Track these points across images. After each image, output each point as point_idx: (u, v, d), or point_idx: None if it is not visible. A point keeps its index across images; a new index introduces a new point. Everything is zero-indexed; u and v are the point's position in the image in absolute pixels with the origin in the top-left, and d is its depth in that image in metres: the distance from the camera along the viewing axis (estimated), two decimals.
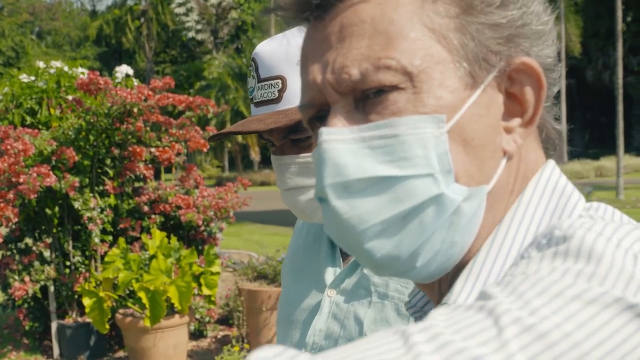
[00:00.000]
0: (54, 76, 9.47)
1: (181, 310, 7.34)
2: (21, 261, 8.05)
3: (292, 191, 1.70)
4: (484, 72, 0.85)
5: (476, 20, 0.85)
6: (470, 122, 0.84)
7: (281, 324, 1.86)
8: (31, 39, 77.44)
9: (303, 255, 1.89)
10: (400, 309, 1.62)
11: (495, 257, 0.83)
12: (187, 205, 8.36)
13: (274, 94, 1.68)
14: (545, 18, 0.89)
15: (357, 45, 0.85)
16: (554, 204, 0.86)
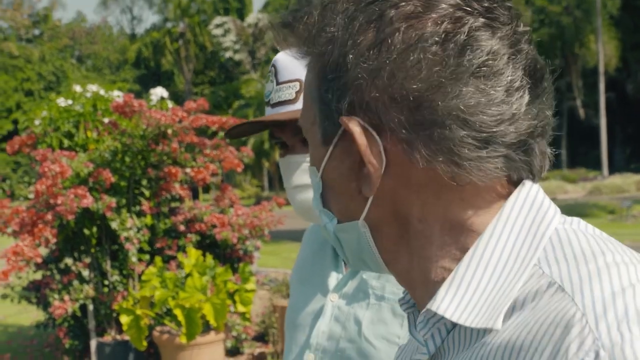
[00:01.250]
0: (90, 100, 9.66)
1: (217, 327, 7.43)
2: (61, 281, 8.19)
3: (300, 188, 1.78)
4: (333, 131, 0.96)
5: (323, 89, 0.96)
6: (330, 173, 1.00)
7: (289, 328, 1.96)
8: (71, 63, 78.35)
9: (309, 264, 1.99)
10: (396, 310, 1.72)
11: (476, 268, 0.90)
12: (222, 223, 8.47)
13: (292, 95, 1.77)
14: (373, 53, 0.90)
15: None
16: (531, 218, 0.92)
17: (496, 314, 0.86)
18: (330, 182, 1.00)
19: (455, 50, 0.87)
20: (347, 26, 0.92)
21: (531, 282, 0.87)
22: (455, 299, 0.90)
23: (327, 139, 0.98)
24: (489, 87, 0.88)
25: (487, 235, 0.91)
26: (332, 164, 0.98)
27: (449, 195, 0.92)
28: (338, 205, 1.01)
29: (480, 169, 0.89)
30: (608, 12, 47.06)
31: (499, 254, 0.90)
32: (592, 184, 36.85)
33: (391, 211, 0.95)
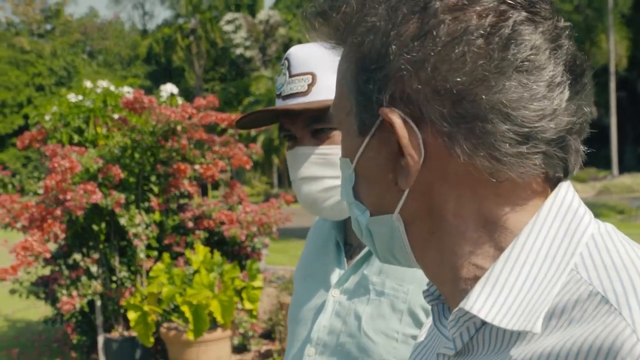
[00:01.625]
0: (100, 95, 9.68)
1: (224, 324, 7.45)
2: (69, 276, 8.21)
3: (307, 180, 1.80)
4: (371, 122, 0.96)
5: (362, 79, 0.96)
6: (365, 164, 1.00)
7: (291, 323, 1.99)
8: (83, 58, 78.54)
9: (312, 260, 2.03)
10: (395, 305, 1.74)
11: (512, 268, 0.90)
12: (231, 220, 8.48)
13: (304, 87, 1.78)
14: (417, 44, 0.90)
15: None
16: (567, 224, 0.92)
17: (534, 317, 0.86)
18: (364, 173, 1.01)
19: (500, 44, 0.87)
20: (390, 16, 0.91)
21: (569, 288, 0.87)
22: (489, 299, 0.90)
23: (364, 129, 0.98)
24: (532, 82, 0.88)
25: (523, 236, 0.91)
26: (368, 155, 0.99)
27: (485, 191, 0.92)
28: (371, 197, 1.02)
29: (520, 164, 0.90)
30: (619, 11, 46.90)
31: (535, 256, 0.90)
32: (602, 184, 36.74)
33: (426, 205, 0.96)
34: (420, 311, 1.72)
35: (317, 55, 1.79)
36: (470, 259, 0.95)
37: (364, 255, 1.84)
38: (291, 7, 69.86)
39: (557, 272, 0.88)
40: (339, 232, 1.95)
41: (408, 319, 1.72)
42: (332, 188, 1.79)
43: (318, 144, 1.79)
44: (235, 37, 61.67)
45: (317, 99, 1.76)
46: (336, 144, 1.77)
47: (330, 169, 1.78)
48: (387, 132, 0.94)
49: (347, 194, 1.05)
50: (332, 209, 1.83)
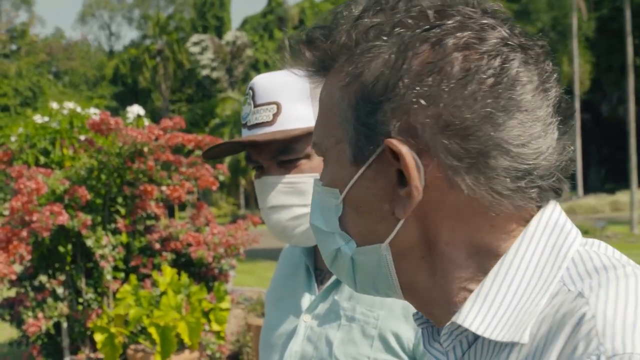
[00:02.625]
0: (67, 117, 9.64)
1: (191, 346, 7.42)
2: (35, 298, 8.15)
3: (276, 209, 1.81)
4: (368, 152, 0.97)
5: (362, 109, 0.97)
6: (357, 193, 1.00)
7: (263, 348, 2.00)
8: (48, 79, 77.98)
9: (283, 286, 2.03)
10: (366, 330, 1.75)
11: (501, 284, 0.94)
12: (198, 242, 8.46)
13: (269, 117, 1.78)
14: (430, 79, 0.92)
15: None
16: (554, 239, 0.96)
17: (522, 328, 0.91)
18: (355, 203, 1.01)
19: (507, 84, 0.91)
20: (401, 50, 0.93)
21: (557, 298, 0.91)
22: (480, 313, 0.94)
23: (360, 159, 0.98)
24: (531, 121, 0.93)
25: (511, 254, 0.95)
26: (363, 184, 0.99)
27: (480, 222, 0.96)
28: (359, 227, 1.02)
29: (518, 198, 0.94)
30: (583, 34, 47.43)
31: (523, 272, 0.94)
32: (567, 204, 36.97)
33: (419, 233, 0.97)
34: (391, 336, 1.72)
35: (281, 84, 1.80)
36: (462, 284, 0.98)
37: (335, 281, 1.84)
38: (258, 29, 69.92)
39: (544, 285, 0.93)
40: (309, 258, 1.95)
41: (379, 344, 1.73)
42: (300, 216, 1.80)
43: (285, 172, 1.79)
44: (202, 59, 61.61)
45: (283, 128, 1.77)
46: (303, 172, 1.78)
47: (298, 197, 1.79)
48: (386, 163, 0.96)
49: (329, 223, 1.05)
50: (301, 236, 1.83)
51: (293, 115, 1.78)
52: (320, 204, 1.07)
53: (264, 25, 70.57)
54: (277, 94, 1.79)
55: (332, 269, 1.11)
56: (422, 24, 0.94)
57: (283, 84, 1.80)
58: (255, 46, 66.04)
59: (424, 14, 0.95)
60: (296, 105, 1.78)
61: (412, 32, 0.94)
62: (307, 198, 1.78)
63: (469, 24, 0.94)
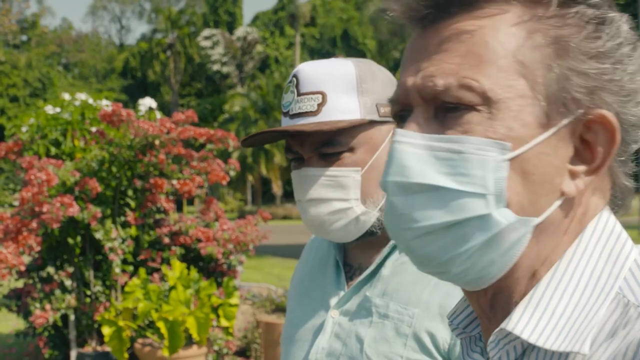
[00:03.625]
0: (78, 108, 9.61)
1: (199, 341, 7.39)
2: (42, 289, 8.12)
3: (316, 202, 1.75)
4: (560, 116, 0.89)
5: (566, 65, 0.89)
6: (534, 158, 0.89)
7: (285, 343, 1.94)
8: (58, 70, 78.15)
9: (309, 280, 1.97)
10: (399, 329, 1.69)
11: (554, 290, 0.89)
12: (207, 238, 8.43)
13: (314, 107, 1.73)
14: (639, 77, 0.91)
15: (450, 59, 0.93)
16: (610, 248, 0.91)
17: (582, 338, 0.85)
18: (528, 168, 0.90)
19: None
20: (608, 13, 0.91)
21: (618, 311, 0.86)
22: (532, 321, 0.88)
23: (552, 120, 0.90)
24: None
25: (566, 259, 0.90)
26: (544, 150, 0.89)
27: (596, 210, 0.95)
28: (520, 197, 0.90)
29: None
30: None
31: (578, 279, 0.89)
32: None
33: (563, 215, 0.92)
34: (425, 336, 1.67)
35: (327, 73, 1.74)
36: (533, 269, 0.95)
37: (367, 276, 1.79)
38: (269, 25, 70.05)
39: (601, 295, 0.87)
40: (339, 252, 1.90)
41: (413, 343, 1.67)
42: (340, 210, 1.74)
43: (326, 165, 1.74)
44: (212, 53, 61.75)
45: (328, 119, 1.71)
46: (345, 165, 1.73)
47: (339, 191, 1.73)
48: (572, 134, 0.90)
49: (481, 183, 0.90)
50: (339, 232, 1.77)
51: (338, 107, 1.73)
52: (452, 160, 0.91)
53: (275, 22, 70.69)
54: (322, 84, 1.74)
55: (415, 242, 0.94)
56: None
57: (328, 74, 1.75)
58: (266, 42, 66.16)
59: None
60: (341, 96, 1.73)
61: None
62: (347, 192, 1.73)
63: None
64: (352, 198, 1.74)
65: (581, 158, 0.90)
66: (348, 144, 1.73)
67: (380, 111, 1.74)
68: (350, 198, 1.74)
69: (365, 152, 1.74)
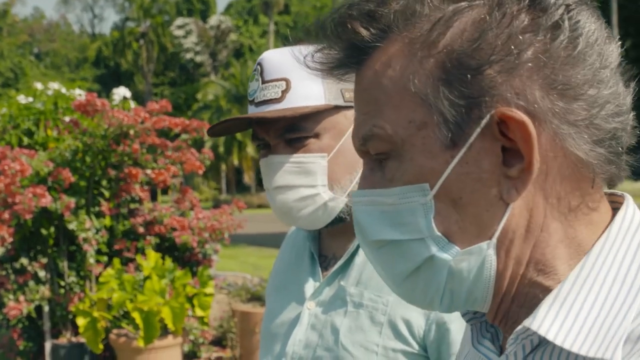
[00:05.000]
0: (51, 98, 9.54)
1: (174, 331, 7.36)
2: (16, 281, 8.06)
3: (282, 189, 1.75)
4: (468, 129, 0.85)
5: (458, 78, 0.85)
6: (456, 182, 0.87)
7: (264, 337, 1.94)
8: (30, 60, 77.59)
9: (286, 273, 1.97)
10: (374, 317, 1.69)
11: (581, 288, 0.84)
12: (182, 227, 8.40)
13: (277, 94, 1.73)
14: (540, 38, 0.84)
15: (363, 110, 0.93)
16: (637, 243, 0.87)
17: (613, 344, 0.81)
18: (453, 195, 0.87)
19: (604, 41, 0.87)
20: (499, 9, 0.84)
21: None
22: (557, 320, 0.84)
23: (459, 139, 0.86)
24: (618, 81, 0.88)
25: (593, 256, 0.86)
26: (463, 170, 0.86)
27: (573, 203, 0.88)
28: (460, 224, 0.88)
29: (614, 164, 0.88)
30: None
31: (605, 277, 0.85)
32: None
33: (524, 220, 0.88)
34: (401, 323, 1.66)
35: (290, 60, 1.71)
36: (536, 277, 0.89)
37: (341, 266, 1.79)
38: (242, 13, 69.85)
39: (630, 295, 0.83)
40: (314, 243, 1.90)
41: (388, 331, 1.67)
42: (307, 197, 1.75)
43: (292, 152, 1.74)
44: (185, 42, 61.57)
45: (292, 105, 1.71)
46: (311, 151, 1.73)
47: (306, 177, 1.73)
48: (490, 141, 0.85)
49: (419, 229, 0.90)
50: (307, 219, 1.78)
51: (302, 93, 1.72)
52: (390, 212, 0.92)
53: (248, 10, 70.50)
54: (287, 70, 1.73)
55: (400, 290, 0.96)
56: None
57: (292, 61, 1.71)
58: (240, 31, 65.98)
59: None
60: (306, 82, 1.73)
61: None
62: (314, 179, 1.73)
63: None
64: (319, 184, 1.74)
65: (513, 160, 0.85)
66: (313, 129, 1.73)
67: (346, 96, 1.74)
68: (317, 184, 1.74)
69: (331, 138, 1.74)
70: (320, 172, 1.73)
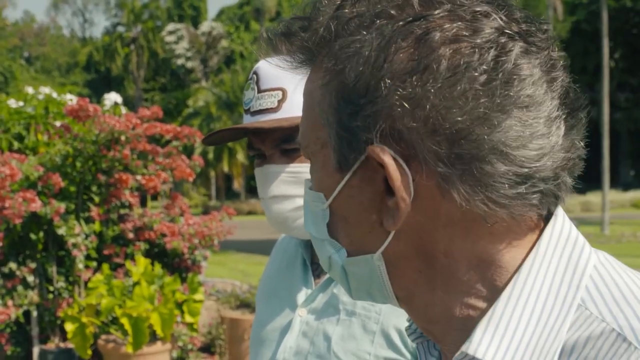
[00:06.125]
0: (42, 102, 9.53)
1: (163, 337, 7.35)
2: (4, 285, 8.04)
3: (278, 199, 1.75)
4: (353, 158, 0.88)
5: (344, 111, 0.87)
6: (344, 203, 0.92)
7: (254, 344, 1.93)
8: (20, 64, 77.39)
9: (277, 279, 1.96)
10: (367, 326, 1.69)
11: (514, 308, 0.85)
12: (172, 233, 8.39)
13: (274, 104, 1.72)
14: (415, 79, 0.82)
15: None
16: (568, 255, 0.87)
17: (548, 358, 0.82)
18: (342, 212, 0.93)
19: (502, 80, 0.81)
20: (381, 46, 0.83)
21: (579, 325, 0.83)
22: (494, 342, 0.85)
23: (345, 165, 0.89)
24: (532, 119, 0.83)
25: (524, 273, 0.86)
26: (348, 193, 0.91)
27: (479, 231, 0.86)
28: (350, 237, 0.93)
29: (517, 205, 0.85)
30: (558, 35, 47.88)
31: (537, 293, 0.85)
32: None
33: (414, 245, 0.89)
34: (393, 332, 1.66)
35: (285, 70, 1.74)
36: (463, 299, 0.89)
37: None
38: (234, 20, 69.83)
39: (563, 308, 0.84)
40: (306, 250, 1.89)
41: (381, 340, 1.67)
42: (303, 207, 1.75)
43: (288, 162, 1.73)
44: (176, 48, 61.47)
45: (288, 115, 1.70)
46: (307, 162, 1.73)
47: (301, 187, 1.71)
48: (372, 171, 0.87)
49: (318, 230, 0.97)
50: (302, 228, 1.76)
51: (298, 103, 1.69)
52: (310, 208, 0.99)
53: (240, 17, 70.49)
54: (283, 80, 1.73)
55: (332, 276, 1.03)
56: (406, 15, 0.84)
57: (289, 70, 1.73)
58: (231, 37, 65.95)
59: (409, 3, 0.85)
60: (302, 92, 1.72)
61: (393, 25, 0.84)
62: None
63: (459, 12, 0.83)
64: None
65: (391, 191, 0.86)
66: None
67: None
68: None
69: None
70: None
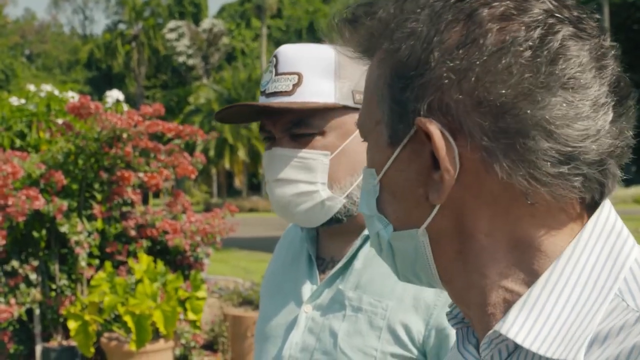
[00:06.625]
0: (44, 100, 9.52)
1: (166, 335, 7.35)
2: (7, 283, 8.03)
3: (282, 182, 1.75)
4: (402, 132, 0.92)
5: (397, 85, 0.91)
6: (394, 177, 0.95)
7: (258, 340, 1.93)
8: (21, 61, 77.40)
9: (281, 274, 1.96)
10: (373, 321, 1.69)
11: (550, 293, 0.86)
12: (175, 230, 8.38)
13: (288, 87, 1.74)
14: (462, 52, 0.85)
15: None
16: (610, 246, 0.88)
17: (577, 346, 0.83)
18: (391, 186, 0.96)
19: (547, 57, 0.83)
20: (433, 22, 0.87)
21: (614, 315, 0.83)
22: (526, 324, 0.86)
23: (395, 140, 0.93)
24: (577, 100, 0.84)
25: (563, 260, 0.87)
26: (398, 167, 0.94)
27: (520, 211, 0.88)
28: (397, 212, 0.96)
29: (559, 186, 0.85)
30: None
31: (575, 280, 0.86)
32: None
33: (456, 222, 0.91)
34: (400, 328, 1.66)
35: (306, 56, 1.76)
36: (500, 282, 0.90)
37: (339, 269, 1.78)
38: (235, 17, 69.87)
39: (599, 297, 0.85)
40: (311, 245, 1.89)
41: (387, 336, 1.67)
42: (306, 193, 1.75)
43: (296, 146, 1.74)
44: (178, 45, 61.51)
45: (301, 100, 1.72)
46: (315, 148, 1.73)
47: (307, 173, 1.74)
48: (420, 144, 0.90)
49: (369, 206, 1.00)
50: (304, 215, 1.77)
51: (313, 89, 1.73)
52: (365, 187, 1.02)
53: (241, 14, 70.54)
54: (301, 65, 1.75)
55: (380, 256, 1.05)
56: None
57: (308, 56, 1.76)
58: (232, 34, 65.99)
59: None
60: (318, 79, 1.74)
61: (444, 2, 0.88)
62: (314, 175, 1.74)
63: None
64: (318, 182, 1.74)
65: (438, 165, 0.90)
66: (319, 126, 1.74)
67: (356, 98, 1.75)
68: (317, 181, 1.74)
69: (336, 137, 1.75)
70: (321, 169, 1.74)
